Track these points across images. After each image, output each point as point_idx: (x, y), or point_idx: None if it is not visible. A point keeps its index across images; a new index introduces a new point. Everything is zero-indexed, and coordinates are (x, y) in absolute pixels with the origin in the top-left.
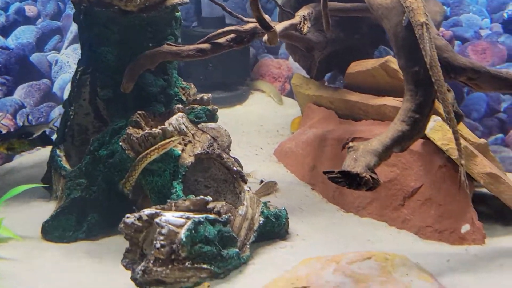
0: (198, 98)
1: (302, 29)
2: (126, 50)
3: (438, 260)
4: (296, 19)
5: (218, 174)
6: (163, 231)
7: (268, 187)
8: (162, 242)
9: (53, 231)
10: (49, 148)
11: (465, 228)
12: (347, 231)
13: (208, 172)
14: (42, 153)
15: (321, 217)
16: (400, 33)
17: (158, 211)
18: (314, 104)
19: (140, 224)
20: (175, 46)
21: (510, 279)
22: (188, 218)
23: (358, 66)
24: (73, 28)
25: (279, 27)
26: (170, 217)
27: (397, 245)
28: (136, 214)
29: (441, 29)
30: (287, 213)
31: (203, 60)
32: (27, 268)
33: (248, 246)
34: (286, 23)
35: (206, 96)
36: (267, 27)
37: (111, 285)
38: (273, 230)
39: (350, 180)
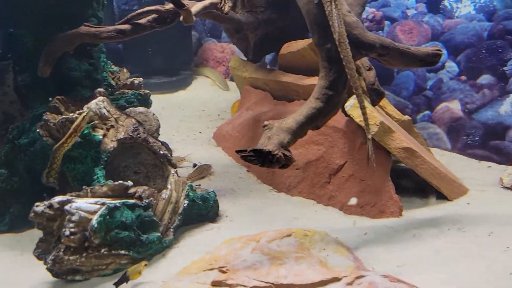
0: (129, 83)
1: (223, 8)
2: (44, 33)
3: (357, 234)
4: None
5: (148, 159)
6: (73, 218)
7: (202, 170)
8: (73, 230)
9: None
10: None
11: (352, 201)
12: (276, 210)
13: (138, 157)
14: None
15: (253, 198)
16: (312, 11)
17: (69, 198)
18: (251, 86)
19: (52, 213)
20: (93, 27)
21: (419, 248)
22: (103, 204)
23: (290, 47)
24: None
25: (198, 6)
26: (82, 203)
27: (321, 221)
28: (47, 202)
29: (372, 9)
30: (215, 195)
31: (144, 45)
32: None
33: (172, 230)
34: (206, 2)
35: (137, 80)
36: (179, 5)
37: (29, 277)
38: (201, 212)
39: (263, 158)
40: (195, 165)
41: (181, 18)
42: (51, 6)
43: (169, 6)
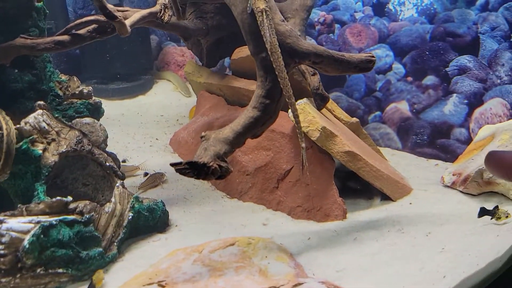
0: (77, 92)
1: (163, 17)
2: None
3: (300, 239)
4: (156, 7)
5: (96, 170)
6: (3, 239)
7: (155, 179)
8: (3, 252)
9: None
10: None
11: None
12: (225, 217)
13: (87, 169)
14: None
15: (205, 205)
16: (246, 20)
17: (1, 218)
18: (207, 91)
19: None
20: (30, 39)
21: (359, 252)
22: (38, 222)
23: (240, 52)
24: None
25: (135, 16)
26: (14, 223)
27: (268, 227)
28: None
29: (323, 13)
30: (164, 205)
31: (102, 51)
32: None
33: (116, 243)
34: (145, 11)
35: (86, 89)
36: (111, 17)
37: None
38: (148, 224)
39: (198, 170)
40: (146, 174)
41: (116, 29)
42: None
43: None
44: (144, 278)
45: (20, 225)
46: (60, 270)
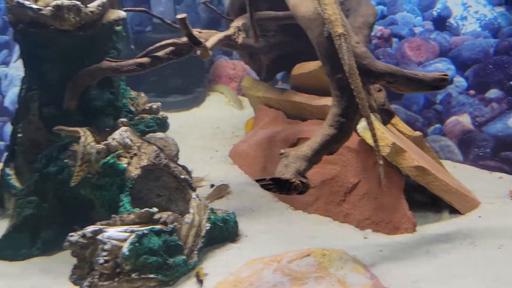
0: (147, 108)
1: (237, 40)
2: (67, 67)
3: (373, 250)
4: (230, 31)
5: (169, 182)
6: (106, 247)
7: (220, 191)
8: (106, 258)
9: (7, 249)
10: None
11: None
12: (293, 229)
13: (159, 181)
14: None
15: (271, 216)
16: (322, 43)
17: (101, 227)
18: (265, 105)
19: (85, 241)
20: (114, 61)
21: (432, 264)
22: (132, 231)
23: (301, 68)
24: None
25: (213, 39)
26: (113, 232)
27: (338, 239)
28: (80, 232)
29: (380, 27)
30: (235, 216)
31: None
32: None
33: (196, 252)
34: (221, 35)
35: (155, 105)
36: (196, 42)
37: None
38: (222, 234)
39: (281, 186)
40: (212, 185)
41: (198, 53)
42: (73, 43)
43: (185, 39)
44: (228, 285)
45: (118, 233)
46: (151, 276)
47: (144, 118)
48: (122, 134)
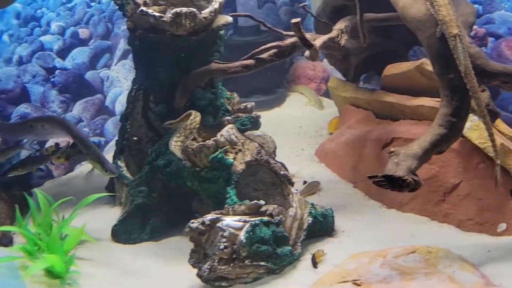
0: (242, 107)
1: (340, 42)
2: (176, 69)
3: (479, 251)
4: (333, 33)
5: (266, 177)
6: (225, 234)
7: (312, 187)
8: (225, 244)
9: (121, 234)
10: None
11: (502, 227)
12: (389, 226)
13: (256, 175)
14: None
15: (365, 213)
16: (434, 44)
17: (218, 216)
18: (352, 105)
19: (203, 228)
20: (222, 63)
21: None
22: (245, 221)
23: (393, 69)
24: (121, 45)
25: (318, 42)
26: (230, 221)
27: (439, 238)
28: (200, 219)
29: (475, 27)
30: (332, 212)
31: None
32: (103, 267)
33: (299, 244)
34: (325, 37)
35: (249, 104)
36: (309, 45)
37: (180, 280)
38: (321, 228)
39: (393, 183)
40: (305, 182)
41: (307, 55)
42: (185, 47)
43: (289, 41)
44: (335, 276)
45: (234, 222)
46: (262, 263)
47: (240, 117)
48: (229, 131)
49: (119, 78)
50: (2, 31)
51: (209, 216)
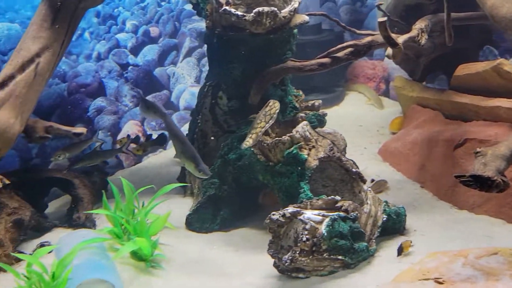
0: (310, 105)
1: (420, 41)
2: (250, 66)
3: None
4: (414, 32)
5: (334, 174)
6: (307, 226)
7: (379, 186)
8: (307, 236)
9: (195, 222)
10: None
11: None
12: (463, 227)
13: (325, 172)
14: (163, 155)
15: (435, 214)
16: None
17: (299, 209)
18: (418, 105)
19: (283, 220)
20: (298, 61)
21: None
22: (324, 215)
23: (466, 69)
24: (187, 43)
25: (399, 40)
26: (310, 215)
27: None
28: (281, 212)
29: None
30: (405, 211)
31: None
32: (182, 253)
33: (373, 240)
34: (405, 36)
35: (317, 102)
36: (394, 44)
37: (254, 269)
38: (394, 226)
39: (482, 183)
40: (372, 180)
41: (389, 53)
42: (261, 45)
43: (365, 40)
44: (415, 274)
45: (314, 216)
46: (339, 257)
47: (307, 114)
48: (304, 127)
49: (184, 75)
50: (84, 29)
51: (289, 209)
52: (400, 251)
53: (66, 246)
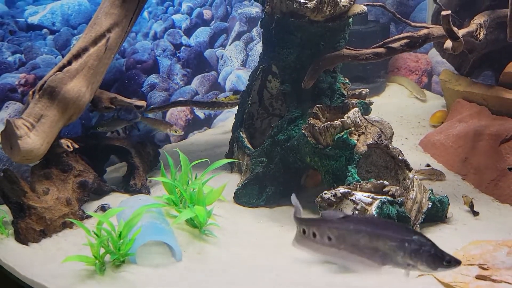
0: (356, 93)
1: (478, 36)
2: (305, 52)
3: None
4: (472, 27)
5: (379, 161)
6: (358, 207)
7: (434, 173)
8: None
9: (242, 197)
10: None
11: None
12: (506, 220)
13: (369, 158)
14: (209, 132)
15: (477, 205)
16: None
17: (350, 190)
18: (464, 99)
19: (334, 200)
20: (354, 50)
21: None
22: (373, 198)
23: None
24: (236, 27)
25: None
26: (360, 196)
27: None
28: (332, 191)
29: None
30: (448, 200)
31: None
32: (231, 223)
33: (418, 226)
34: (464, 30)
35: (364, 91)
36: (455, 38)
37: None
38: (437, 214)
39: None
40: (428, 165)
41: (449, 46)
42: (317, 32)
43: (422, 32)
44: (460, 258)
45: (365, 198)
46: None
47: (353, 102)
48: (355, 113)
49: (231, 58)
50: (144, 8)
51: (341, 189)
52: (473, 210)
53: (129, 209)
